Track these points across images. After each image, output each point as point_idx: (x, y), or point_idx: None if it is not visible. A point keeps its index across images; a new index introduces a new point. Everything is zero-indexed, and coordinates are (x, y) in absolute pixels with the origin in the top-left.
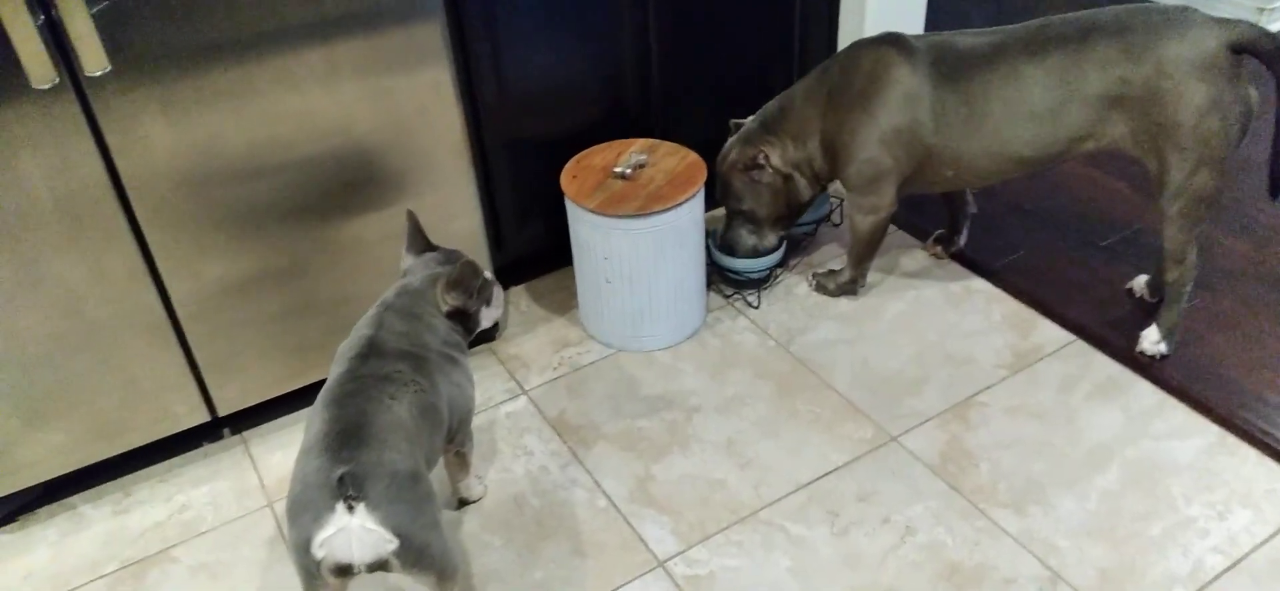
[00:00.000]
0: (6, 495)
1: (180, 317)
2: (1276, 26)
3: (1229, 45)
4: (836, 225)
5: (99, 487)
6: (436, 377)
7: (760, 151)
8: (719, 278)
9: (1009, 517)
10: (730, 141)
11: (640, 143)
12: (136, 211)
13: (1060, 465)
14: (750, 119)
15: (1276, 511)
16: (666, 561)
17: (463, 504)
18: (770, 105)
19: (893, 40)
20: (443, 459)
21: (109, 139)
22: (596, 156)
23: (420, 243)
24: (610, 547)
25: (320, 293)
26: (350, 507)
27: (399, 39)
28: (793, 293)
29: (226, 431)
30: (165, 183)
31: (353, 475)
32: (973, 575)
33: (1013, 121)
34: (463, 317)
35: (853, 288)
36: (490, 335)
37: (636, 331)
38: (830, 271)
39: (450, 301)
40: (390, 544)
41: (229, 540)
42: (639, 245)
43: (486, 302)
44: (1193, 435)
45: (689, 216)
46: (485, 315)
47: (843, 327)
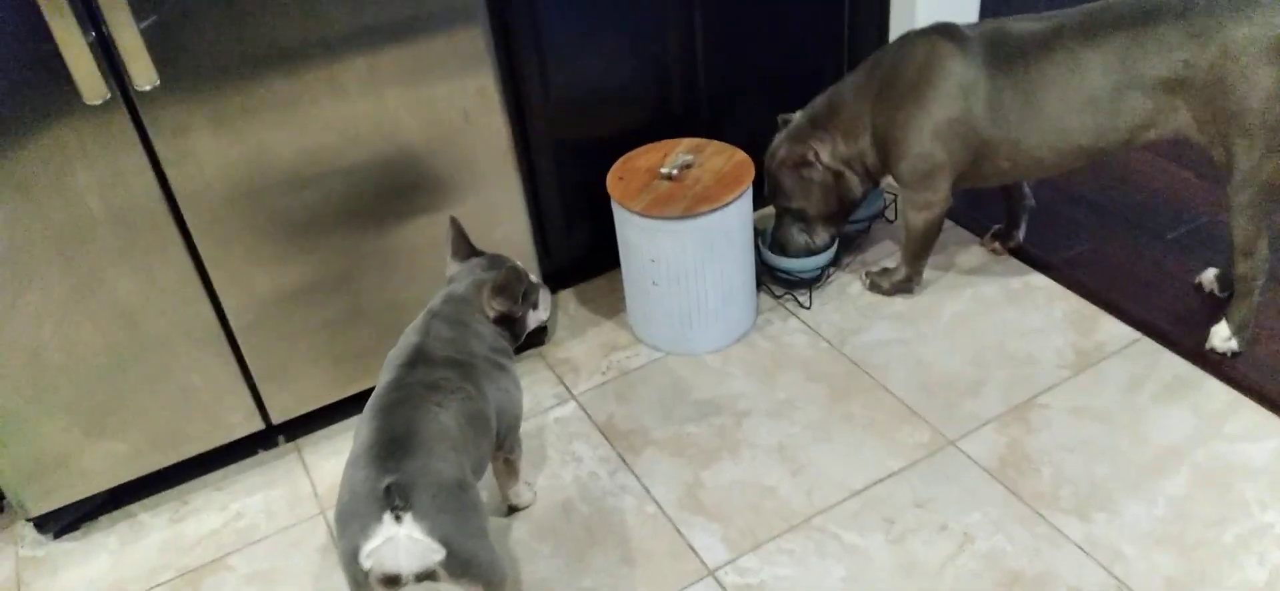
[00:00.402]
0: (69, 504)
1: (233, 327)
2: None
3: None
4: (891, 221)
5: (158, 495)
6: (484, 384)
7: (810, 148)
8: (769, 277)
9: (1072, 524)
10: (778, 138)
11: (687, 142)
12: (188, 223)
13: (1126, 469)
14: (798, 114)
15: None
16: (716, 570)
17: (512, 510)
18: (819, 100)
19: (944, 30)
20: (491, 466)
21: (160, 152)
22: (643, 158)
23: (465, 248)
24: (659, 555)
25: (370, 300)
26: (397, 517)
27: (442, 45)
28: (845, 292)
29: (281, 439)
30: (216, 194)
31: (399, 485)
32: (1034, 584)
33: (1070, 110)
34: (509, 323)
35: (908, 286)
36: (539, 339)
37: (685, 334)
38: (884, 269)
39: (496, 307)
40: (437, 553)
41: (283, 548)
42: (686, 247)
43: (533, 306)
44: (1267, 436)
45: (737, 217)
46: (532, 318)
47: (898, 327)
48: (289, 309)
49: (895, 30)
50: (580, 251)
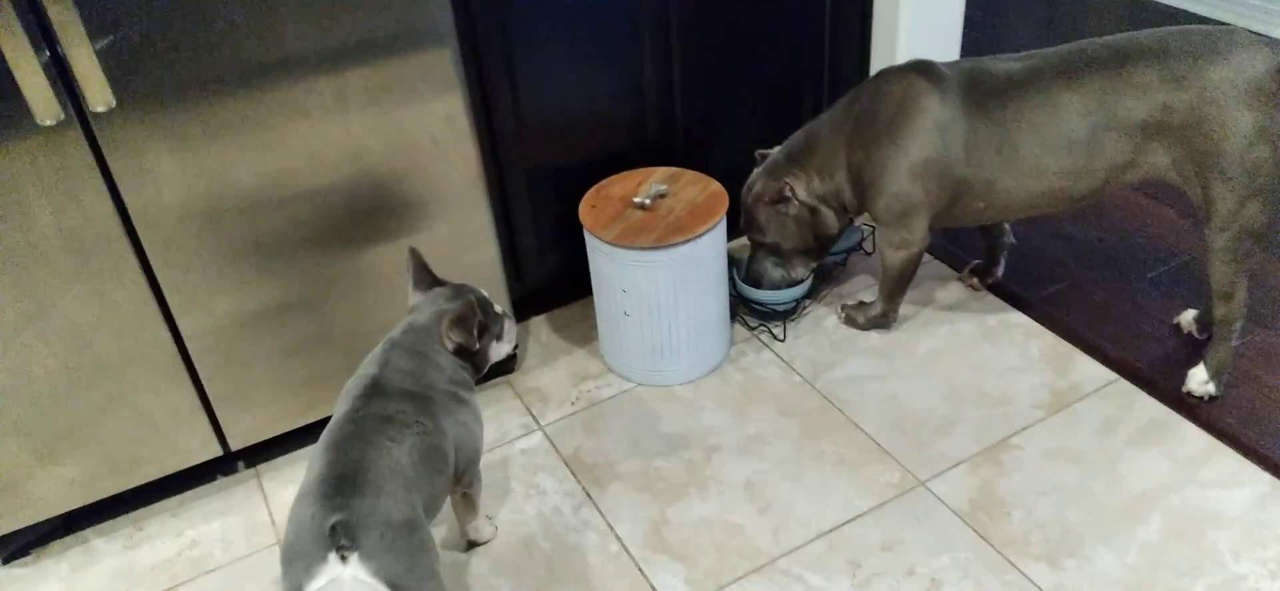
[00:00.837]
0: (19, 529)
1: (191, 352)
2: None
3: (1278, 68)
4: (868, 254)
5: (112, 521)
6: (442, 418)
7: (786, 184)
8: (744, 308)
9: (1042, 571)
10: (755, 173)
11: (661, 172)
12: (145, 246)
13: (1098, 514)
14: (776, 149)
15: None
16: None
17: (471, 545)
18: (796, 136)
19: (921, 68)
20: (450, 499)
21: (116, 173)
22: (616, 186)
23: (427, 278)
24: None
25: (333, 326)
26: (343, 558)
27: (410, 67)
28: (821, 325)
29: (241, 464)
30: (174, 217)
31: (346, 524)
32: None
33: (1048, 151)
34: (469, 355)
35: (884, 321)
36: (508, 367)
37: (656, 365)
38: (860, 303)
39: (453, 339)
40: None
41: (236, 579)
42: (657, 278)
43: (497, 338)
44: (1243, 484)
45: (710, 248)
46: (495, 351)
47: (872, 363)
48: (249, 333)
49: (876, 65)
50: (553, 277)
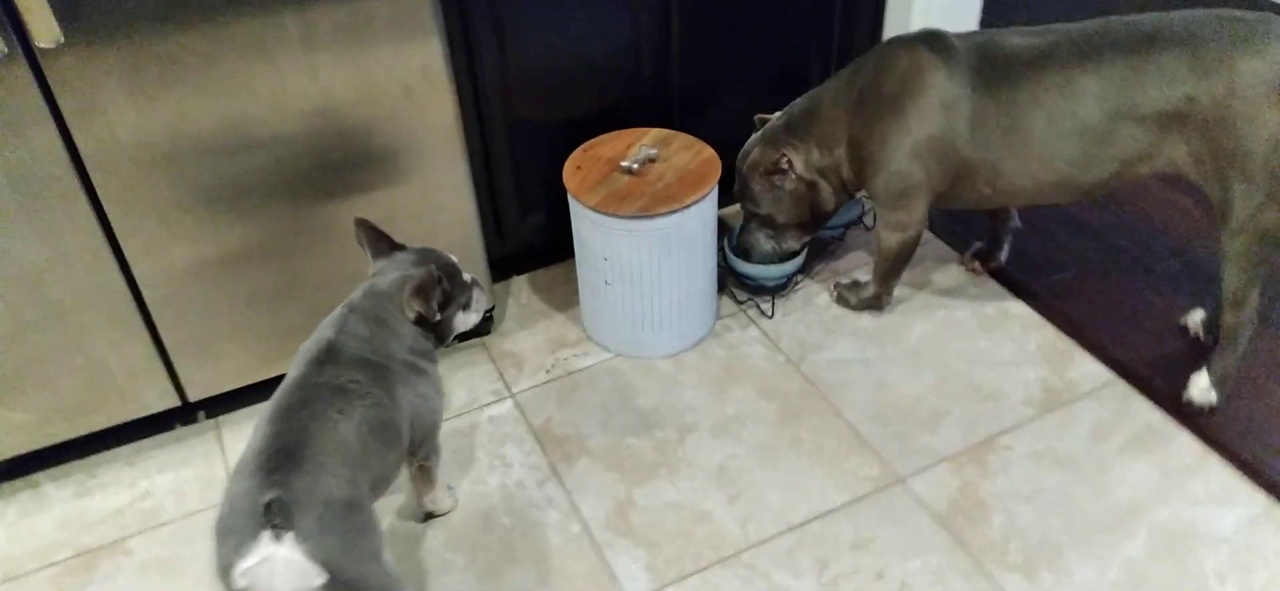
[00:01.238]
0: None
1: (148, 299)
2: None
3: None
4: (868, 228)
5: (66, 465)
6: (397, 390)
7: (783, 155)
8: (733, 281)
9: (1017, 582)
10: (753, 140)
11: (653, 134)
12: (97, 187)
13: (1082, 524)
14: (776, 116)
15: None
16: None
17: (428, 517)
18: (798, 103)
19: (930, 39)
20: (407, 471)
21: (66, 113)
22: (605, 146)
23: (386, 246)
24: (577, 579)
25: (298, 277)
26: (277, 536)
27: (382, 10)
28: (812, 302)
29: (201, 414)
30: (128, 159)
31: (281, 502)
32: None
33: (1058, 136)
34: (432, 325)
35: (877, 303)
36: (485, 328)
37: (636, 337)
38: (854, 282)
39: (413, 308)
40: (317, 577)
41: (185, 534)
42: (641, 248)
43: (464, 308)
44: (1235, 502)
45: (698, 220)
46: (460, 321)
47: (861, 346)
48: (210, 283)
49: (890, 30)
50: (536, 237)
